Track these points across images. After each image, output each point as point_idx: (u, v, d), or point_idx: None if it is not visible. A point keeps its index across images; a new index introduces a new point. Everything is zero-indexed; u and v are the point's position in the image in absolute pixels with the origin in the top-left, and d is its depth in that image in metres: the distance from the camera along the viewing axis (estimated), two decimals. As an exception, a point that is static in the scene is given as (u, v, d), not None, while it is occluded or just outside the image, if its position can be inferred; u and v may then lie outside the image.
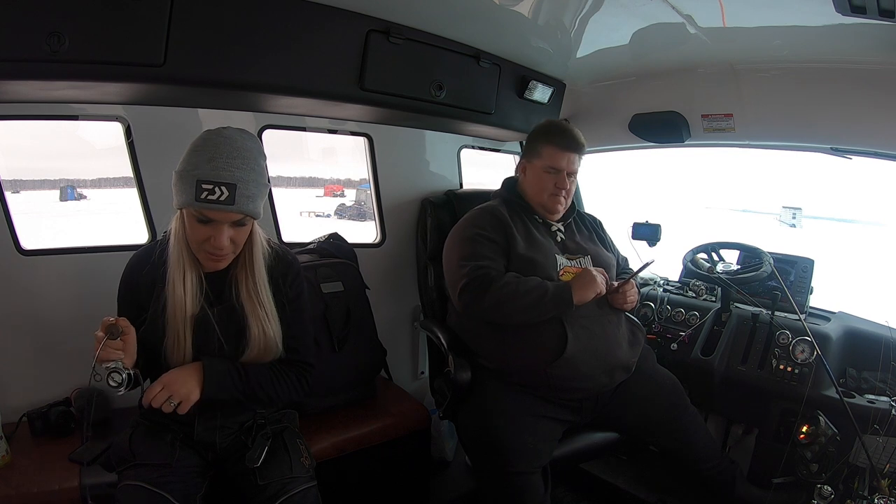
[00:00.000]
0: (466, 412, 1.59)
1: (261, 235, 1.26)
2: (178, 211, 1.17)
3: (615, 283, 1.61)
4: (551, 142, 1.67)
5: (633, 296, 1.62)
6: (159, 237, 1.35)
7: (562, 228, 1.72)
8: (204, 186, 1.09)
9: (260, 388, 1.24)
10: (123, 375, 1.06)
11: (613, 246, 1.90)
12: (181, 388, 1.15)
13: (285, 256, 1.33)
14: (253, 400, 1.24)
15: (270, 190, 2.01)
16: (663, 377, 1.72)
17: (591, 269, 1.58)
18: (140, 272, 1.23)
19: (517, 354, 1.55)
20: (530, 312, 1.51)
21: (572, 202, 1.76)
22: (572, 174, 1.69)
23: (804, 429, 1.58)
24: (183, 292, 1.18)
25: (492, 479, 1.47)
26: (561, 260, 1.64)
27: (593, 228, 1.84)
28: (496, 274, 1.54)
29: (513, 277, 1.54)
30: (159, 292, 1.20)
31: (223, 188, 1.10)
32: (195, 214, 1.13)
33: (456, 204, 2.12)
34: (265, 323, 1.23)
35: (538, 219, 1.71)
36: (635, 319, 1.74)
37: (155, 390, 1.13)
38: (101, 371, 1.05)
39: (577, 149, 1.68)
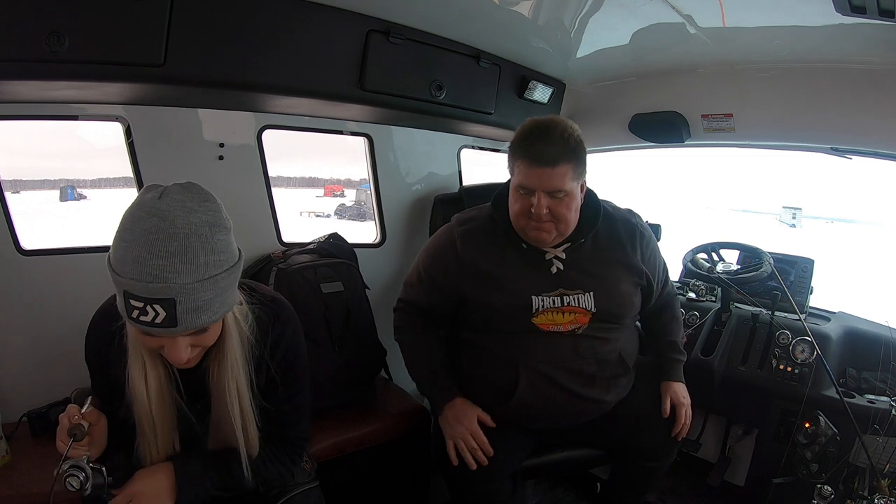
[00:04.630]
0: (436, 421, 1.51)
1: (236, 312, 0.97)
2: None
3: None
4: (521, 153, 1.29)
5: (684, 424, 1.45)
6: None
7: (561, 256, 1.36)
8: (133, 304, 0.79)
9: (245, 480, 1.06)
10: (81, 478, 0.90)
11: (653, 265, 1.47)
12: (150, 502, 0.98)
13: (272, 323, 1.05)
14: (239, 490, 1.08)
15: (271, 193, 2.01)
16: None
17: (472, 426, 1.33)
18: (104, 344, 1.00)
19: (468, 384, 1.43)
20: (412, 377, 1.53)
21: (596, 211, 1.40)
22: (558, 192, 1.28)
23: (806, 425, 1.58)
24: (146, 396, 0.95)
25: (455, 485, 1.43)
26: (541, 301, 1.33)
27: (621, 244, 1.41)
28: (409, 312, 1.50)
29: (417, 342, 1.48)
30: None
31: (157, 307, 0.78)
32: (137, 329, 0.85)
33: (466, 201, 2.10)
34: (226, 419, 1.01)
35: (525, 245, 1.37)
36: (625, 362, 1.42)
37: (123, 502, 0.97)
38: (62, 470, 0.91)
39: (555, 158, 1.25)
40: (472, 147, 2.50)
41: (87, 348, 1.07)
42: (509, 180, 1.38)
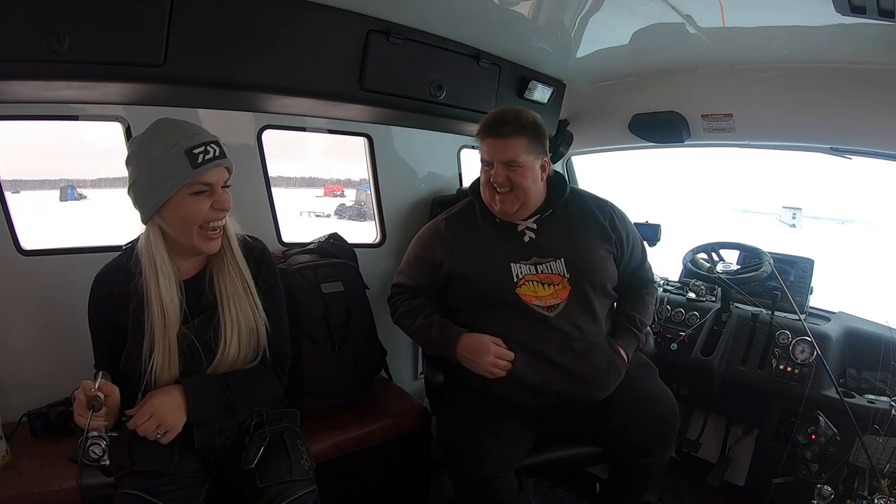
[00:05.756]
0: (439, 418, 1.56)
1: (233, 221, 1.24)
2: (149, 222, 1.15)
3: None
4: (482, 134, 1.48)
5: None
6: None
7: (533, 226, 1.51)
8: (195, 151, 1.10)
9: (242, 396, 1.22)
10: (103, 446, 1.02)
11: (626, 238, 1.57)
12: (170, 417, 1.11)
13: (256, 243, 1.31)
14: (238, 408, 1.23)
15: (271, 193, 2.03)
16: (657, 400, 1.49)
17: (491, 348, 1.40)
18: (111, 292, 1.19)
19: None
20: (423, 347, 1.63)
21: (563, 187, 1.54)
22: (512, 164, 1.43)
23: (810, 429, 1.57)
24: (171, 299, 1.14)
25: (462, 482, 1.44)
26: (520, 269, 1.46)
27: (593, 215, 1.55)
28: (403, 296, 1.64)
29: (410, 308, 1.58)
30: (137, 312, 1.14)
31: (212, 146, 1.13)
32: (193, 189, 1.12)
33: None
34: (241, 315, 1.20)
35: (499, 220, 1.53)
36: (614, 344, 1.49)
37: (143, 418, 1.09)
38: (83, 441, 1.01)
39: (507, 133, 1.42)
40: (473, 147, 2.50)
41: (94, 299, 1.21)
42: None
